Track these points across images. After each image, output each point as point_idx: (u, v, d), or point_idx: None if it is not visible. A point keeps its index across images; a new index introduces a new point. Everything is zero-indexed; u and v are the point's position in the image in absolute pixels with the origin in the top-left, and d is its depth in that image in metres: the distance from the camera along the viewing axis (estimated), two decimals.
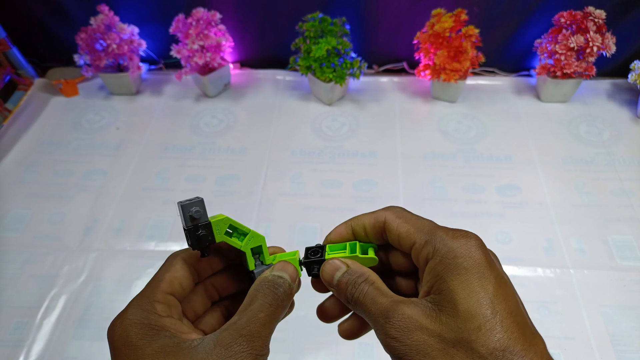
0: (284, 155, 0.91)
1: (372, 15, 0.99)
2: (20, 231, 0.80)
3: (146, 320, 0.25)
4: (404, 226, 0.28)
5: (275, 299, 0.27)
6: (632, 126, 0.94)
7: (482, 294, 0.23)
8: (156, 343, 0.24)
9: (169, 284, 0.28)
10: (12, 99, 1.03)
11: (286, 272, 0.29)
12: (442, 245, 0.26)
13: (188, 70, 0.95)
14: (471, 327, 0.23)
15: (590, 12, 0.86)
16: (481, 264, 0.24)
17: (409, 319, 0.24)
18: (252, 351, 0.24)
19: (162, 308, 0.26)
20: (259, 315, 0.26)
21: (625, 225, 0.77)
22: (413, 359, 0.23)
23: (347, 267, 0.28)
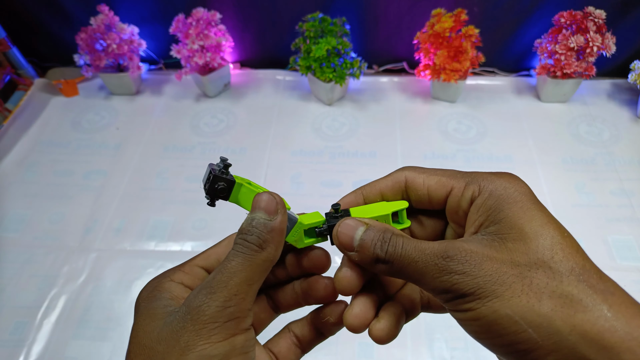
0: (284, 155, 0.91)
1: (372, 15, 0.99)
2: (20, 231, 0.80)
3: (156, 283, 0.25)
4: (432, 178, 0.26)
5: (247, 247, 0.24)
6: (632, 126, 0.94)
7: (544, 218, 0.23)
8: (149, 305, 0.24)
9: (204, 258, 0.27)
10: (12, 99, 1.03)
11: (259, 209, 0.25)
12: (488, 182, 0.24)
13: (188, 70, 0.95)
14: (544, 247, 0.22)
15: (590, 12, 0.86)
16: (532, 195, 0.24)
17: (473, 252, 0.22)
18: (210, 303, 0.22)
19: (180, 276, 0.26)
20: (228, 264, 0.23)
21: (625, 225, 0.77)
22: (488, 290, 0.21)
23: (367, 225, 0.25)
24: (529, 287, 0.21)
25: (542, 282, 0.21)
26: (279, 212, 0.25)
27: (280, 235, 0.25)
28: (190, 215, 0.81)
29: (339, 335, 0.69)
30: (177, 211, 0.82)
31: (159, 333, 0.22)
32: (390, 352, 0.64)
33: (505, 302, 0.20)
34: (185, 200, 0.83)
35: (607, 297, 0.20)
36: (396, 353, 0.64)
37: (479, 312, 0.21)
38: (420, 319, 0.67)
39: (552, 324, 0.20)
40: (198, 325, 0.22)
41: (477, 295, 0.21)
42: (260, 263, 0.24)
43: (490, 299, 0.21)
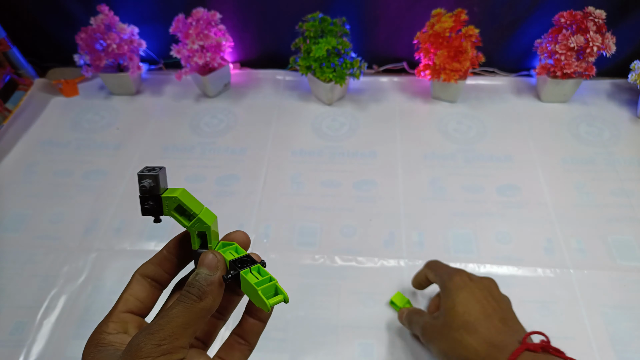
0: (284, 155, 0.91)
1: (372, 15, 0.99)
2: (20, 231, 0.80)
3: (95, 340, 0.29)
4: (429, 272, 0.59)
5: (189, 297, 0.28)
6: (632, 126, 0.94)
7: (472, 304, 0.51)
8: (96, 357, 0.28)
9: (124, 303, 0.31)
10: (12, 99, 1.03)
11: (202, 265, 0.29)
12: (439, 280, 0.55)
13: (188, 70, 0.95)
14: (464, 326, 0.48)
15: (590, 12, 0.86)
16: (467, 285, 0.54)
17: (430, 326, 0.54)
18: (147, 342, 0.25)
19: (114, 327, 0.30)
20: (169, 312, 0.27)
21: (625, 225, 0.77)
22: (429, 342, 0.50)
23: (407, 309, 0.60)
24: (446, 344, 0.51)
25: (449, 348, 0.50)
26: (219, 268, 0.29)
27: (218, 288, 0.29)
28: None
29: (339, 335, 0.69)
30: None
31: None
32: (390, 352, 0.64)
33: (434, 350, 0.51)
34: None
35: None
36: (396, 353, 0.64)
37: None
38: None
39: None
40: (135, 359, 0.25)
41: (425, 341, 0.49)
42: (198, 311, 0.28)
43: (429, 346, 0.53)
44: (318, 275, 0.72)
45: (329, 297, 0.69)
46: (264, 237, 0.77)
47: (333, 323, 0.67)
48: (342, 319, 0.67)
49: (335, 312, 0.68)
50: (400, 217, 0.80)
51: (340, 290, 0.70)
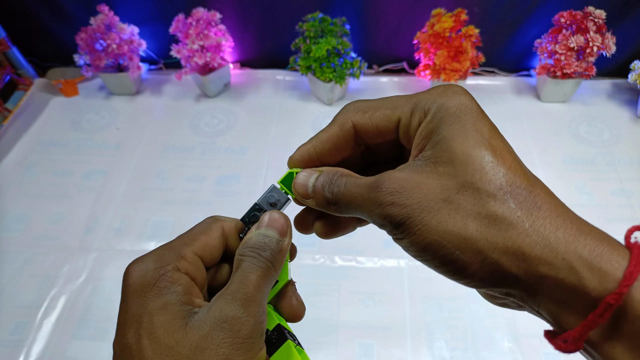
0: (284, 155, 0.90)
1: (372, 15, 0.99)
2: (20, 231, 0.80)
3: (162, 271, 0.23)
4: (378, 114, 0.25)
5: (263, 262, 0.24)
6: (632, 126, 0.94)
7: (478, 137, 0.22)
8: (161, 298, 0.22)
9: (202, 247, 0.26)
10: (12, 99, 1.03)
11: (273, 228, 0.26)
12: (431, 103, 0.23)
13: (188, 70, 0.95)
14: (473, 168, 0.21)
15: (590, 12, 0.86)
16: (473, 109, 0.23)
17: (402, 180, 0.22)
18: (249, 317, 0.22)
19: (185, 265, 0.24)
20: (250, 277, 0.23)
21: (625, 225, 0.77)
22: (417, 219, 0.21)
23: (319, 171, 0.26)
24: (455, 211, 0.21)
25: (468, 204, 0.21)
26: (289, 234, 0.26)
27: (284, 258, 0.26)
28: (190, 215, 0.81)
29: (339, 335, 0.69)
30: (177, 211, 0.82)
31: (187, 337, 0.21)
32: (390, 352, 0.64)
33: (432, 228, 0.21)
34: (185, 200, 0.83)
35: (532, 212, 0.21)
36: (396, 353, 0.64)
37: (412, 240, 0.22)
38: (420, 319, 0.67)
39: (477, 245, 0.21)
40: (239, 339, 0.22)
41: (408, 225, 0.22)
42: (272, 280, 0.25)
43: (419, 228, 0.21)
44: (318, 275, 0.72)
45: (329, 297, 0.69)
46: None
47: (333, 323, 0.67)
48: (342, 319, 0.67)
49: (335, 312, 0.68)
50: None
51: (340, 290, 0.70)
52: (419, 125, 0.24)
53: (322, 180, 0.25)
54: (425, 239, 0.21)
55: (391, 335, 0.65)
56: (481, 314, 0.67)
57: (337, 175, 0.25)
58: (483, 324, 0.66)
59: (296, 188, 0.27)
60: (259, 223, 0.26)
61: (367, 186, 0.23)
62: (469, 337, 0.65)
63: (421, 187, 0.22)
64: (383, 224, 0.23)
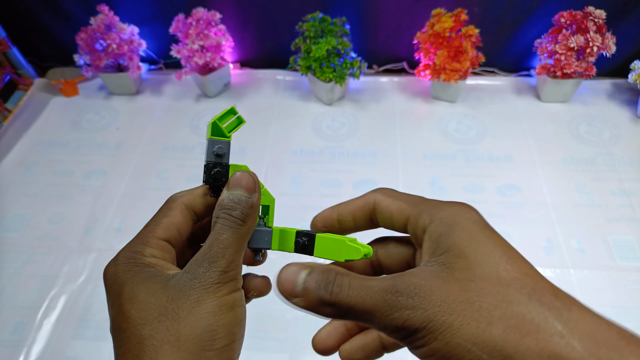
0: (284, 155, 0.91)
1: (372, 15, 0.99)
2: (20, 231, 0.80)
3: (132, 260, 0.27)
4: (395, 203, 0.27)
5: (234, 221, 0.26)
6: (632, 126, 0.94)
7: (491, 244, 0.23)
8: (138, 276, 0.26)
9: (165, 230, 0.28)
10: (12, 99, 1.03)
11: (240, 187, 0.27)
12: (439, 211, 0.25)
13: (188, 70, 0.95)
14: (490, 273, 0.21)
15: (590, 12, 0.86)
16: (481, 221, 0.24)
17: (422, 285, 0.22)
18: (215, 269, 0.25)
19: (151, 251, 0.27)
20: (221, 237, 0.26)
21: (625, 225, 0.77)
22: (438, 322, 0.20)
23: (310, 267, 0.25)
24: (478, 312, 0.20)
25: (491, 306, 0.20)
26: (257, 190, 0.28)
27: (256, 211, 0.28)
28: None
29: None
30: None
31: (164, 293, 0.25)
32: None
33: (456, 331, 0.20)
34: None
35: (562, 313, 0.20)
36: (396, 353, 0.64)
37: (433, 347, 0.21)
38: None
39: (505, 347, 0.19)
40: (206, 285, 0.25)
41: (429, 330, 0.21)
42: (245, 236, 0.27)
43: (442, 331, 0.20)
44: None
45: None
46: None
47: None
48: None
49: None
50: None
51: None
52: (424, 228, 0.25)
53: (317, 277, 0.24)
54: (448, 343, 0.20)
55: None
56: None
57: (335, 273, 0.24)
58: None
59: (282, 283, 0.25)
60: (228, 184, 0.28)
61: (382, 289, 0.22)
62: None
63: (441, 290, 0.21)
64: (398, 331, 0.22)
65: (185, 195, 0.30)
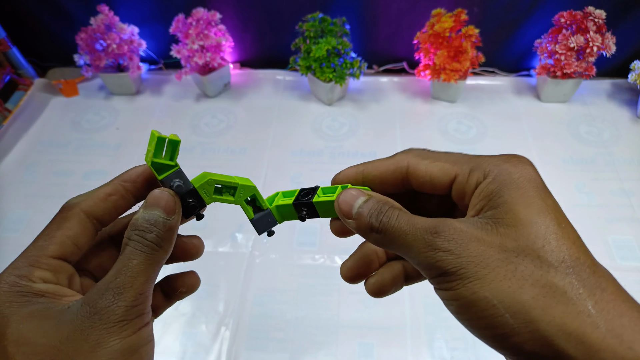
0: (284, 155, 0.91)
1: (372, 15, 0.99)
2: (20, 231, 0.80)
3: (17, 288, 0.23)
4: (435, 165, 0.26)
5: (147, 245, 0.24)
6: (632, 126, 0.94)
7: (543, 205, 0.22)
8: (25, 309, 0.22)
9: (59, 246, 0.25)
10: (12, 99, 1.03)
11: (158, 207, 0.25)
12: (494, 167, 0.24)
13: (188, 70, 0.95)
14: (536, 235, 0.21)
15: (590, 12, 0.86)
16: (537, 180, 0.23)
17: (462, 231, 0.22)
18: (120, 303, 0.22)
19: (40, 274, 0.24)
20: (130, 263, 0.23)
21: (625, 225, 0.77)
22: (470, 271, 0.21)
23: (368, 195, 0.25)
24: (512, 273, 0.20)
25: (527, 270, 0.20)
26: (177, 211, 0.25)
27: (174, 235, 0.25)
28: None
29: (339, 335, 0.69)
30: None
31: (58, 332, 0.22)
32: (390, 352, 0.64)
33: (485, 284, 0.20)
34: None
35: (595, 292, 0.20)
36: (396, 353, 0.64)
37: (459, 292, 0.21)
38: (420, 319, 0.67)
39: (530, 312, 0.19)
40: (108, 324, 0.22)
41: (459, 275, 0.21)
42: (159, 261, 0.24)
43: (471, 280, 0.21)
44: (318, 275, 0.72)
45: (329, 297, 0.69)
46: (264, 237, 0.77)
47: (333, 323, 0.67)
48: (342, 319, 0.67)
49: (335, 312, 0.68)
50: None
51: (340, 290, 0.70)
52: (476, 185, 0.24)
53: (371, 206, 0.25)
54: (474, 294, 0.20)
55: (391, 335, 0.65)
56: None
57: (388, 205, 0.24)
58: None
59: (340, 204, 0.26)
60: (145, 202, 0.25)
61: (424, 228, 0.23)
62: (469, 337, 0.65)
63: (480, 242, 0.21)
64: (429, 269, 0.22)
65: (85, 201, 0.27)
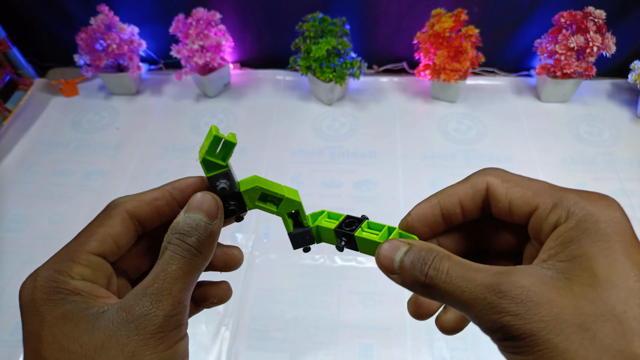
0: (284, 155, 0.91)
1: (372, 15, 0.99)
2: (20, 231, 0.80)
3: (54, 283, 0.22)
4: (516, 190, 0.23)
5: (187, 250, 0.23)
6: (632, 126, 0.94)
7: (628, 264, 0.19)
8: (59, 309, 0.22)
9: (99, 243, 0.24)
10: (12, 99, 1.03)
11: (200, 211, 0.24)
12: (579, 209, 0.21)
13: (188, 70, 0.95)
14: (617, 299, 0.18)
15: (590, 12, 0.86)
16: (626, 232, 0.20)
17: (531, 291, 0.19)
18: (158, 312, 0.21)
19: (80, 270, 0.23)
20: (169, 268, 0.22)
21: None
22: (542, 339, 0.18)
23: (409, 245, 0.23)
24: (590, 342, 0.18)
25: (607, 338, 0.18)
26: (219, 216, 0.25)
27: (215, 241, 0.24)
28: None
29: (339, 335, 0.69)
30: None
31: (92, 339, 0.21)
32: (390, 352, 0.64)
33: (558, 354, 0.18)
34: None
35: None
36: (396, 353, 0.64)
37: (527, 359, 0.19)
38: None
39: None
40: (145, 335, 0.21)
41: (528, 343, 0.19)
42: (199, 268, 0.23)
43: (542, 349, 0.18)
44: (318, 275, 0.72)
45: (329, 297, 0.69)
46: (264, 237, 0.77)
47: (333, 323, 0.67)
48: (342, 319, 0.67)
49: (335, 312, 0.68)
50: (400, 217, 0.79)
51: (340, 290, 0.70)
52: (556, 225, 0.21)
53: (413, 256, 0.22)
54: None
55: (391, 335, 0.65)
56: None
57: (434, 254, 0.22)
58: None
59: (380, 259, 0.23)
60: (187, 206, 0.24)
61: (484, 285, 0.20)
62: (469, 337, 0.65)
63: (552, 304, 0.19)
64: (494, 331, 0.20)
65: (129, 202, 0.26)
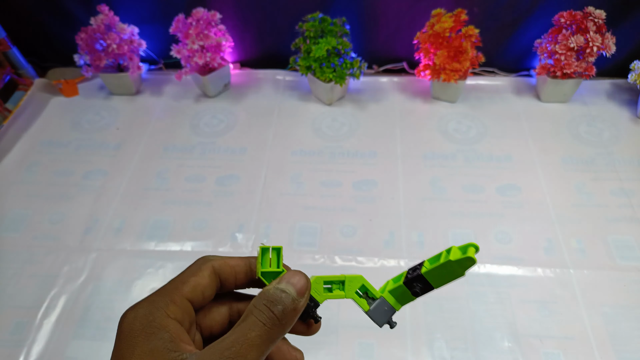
0: (284, 155, 0.91)
1: (372, 15, 0.99)
2: (20, 231, 0.80)
3: (151, 317, 0.24)
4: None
5: (270, 318, 0.24)
6: (632, 126, 0.94)
7: None
8: (149, 344, 0.23)
9: (191, 289, 0.26)
10: (12, 99, 1.03)
11: (291, 285, 0.25)
12: None
13: (188, 70, 0.95)
14: None
15: (590, 12, 0.86)
16: None
17: None
18: None
19: (174, 310, 0.25)
20: (249, 334, 0.23)
21: (625, 225, 0.77)
22: None
23: None
24: None
25: None
26: (306, 296, 0.26)
27: (296, 317, 0.26)
28: (190, 215, 0.81)
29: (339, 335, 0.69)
30: (177, 211, 0.82)
31: None
32: (390, 352, 0.64)
33: None
34: (185, 200, 0.83)
35: None
36: (396, 353, 0.64)
37: None
38: (420, 319, 0.67)
39: None
40: None
41: None
42: (275, 339, 0.24)
43: None
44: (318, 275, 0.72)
45: None
46: (264, 237, 0.77)
47: (333, 323, 0.67)
48: (342, 319, 0.67)
49: (335, 312, 0.68)
50: (400, 217, 0.80)
51: None
52: None
53: None
54: None
55: (391, 335, 0.65)
56: (481, 313, 0.67)
57: None
58: (483, 324, 0.66)
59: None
60: (280, 278, 0.26)
61: None
62: (469, 337, 0.65)
63: None
64: None
65: (217, 260, 0.28)
